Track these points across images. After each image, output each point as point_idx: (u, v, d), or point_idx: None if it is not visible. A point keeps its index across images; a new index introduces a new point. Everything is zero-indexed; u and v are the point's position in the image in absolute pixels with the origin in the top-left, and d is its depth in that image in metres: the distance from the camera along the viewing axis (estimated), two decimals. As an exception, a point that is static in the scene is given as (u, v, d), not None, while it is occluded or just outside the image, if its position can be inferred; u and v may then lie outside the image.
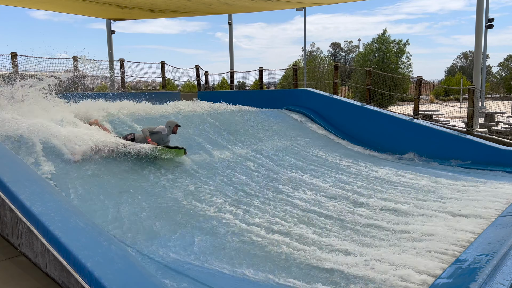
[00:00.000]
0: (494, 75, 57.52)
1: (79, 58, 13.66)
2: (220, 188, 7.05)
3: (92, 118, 8.44)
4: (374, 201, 6.85)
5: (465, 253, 4.65)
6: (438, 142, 10.84)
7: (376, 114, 12.16)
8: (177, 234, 5.26)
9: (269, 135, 10.93)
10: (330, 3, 24.37)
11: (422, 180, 8.46)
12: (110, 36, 20.23)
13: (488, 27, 16.97)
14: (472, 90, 11.96)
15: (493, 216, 6.03)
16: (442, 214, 6.18)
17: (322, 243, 5.11)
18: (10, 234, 4.22)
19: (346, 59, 72.98)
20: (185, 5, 15.96)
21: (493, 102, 22.88)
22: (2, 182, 4.11)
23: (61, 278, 3.43)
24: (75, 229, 3.51)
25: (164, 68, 17.23)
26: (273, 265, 4.57)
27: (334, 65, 15.72)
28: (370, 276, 4.26)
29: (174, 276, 4.17)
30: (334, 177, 8.50)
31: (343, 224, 5.85)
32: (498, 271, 3.83)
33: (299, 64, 35.29)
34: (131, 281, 3.00)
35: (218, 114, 11.18)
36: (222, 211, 6.14)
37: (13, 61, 12.04)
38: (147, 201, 6.15)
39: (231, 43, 20.33)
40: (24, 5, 17.14)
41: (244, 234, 5.34)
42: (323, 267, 4.50)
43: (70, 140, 6.68)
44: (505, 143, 10.65)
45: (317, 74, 28.94)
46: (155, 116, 9.75)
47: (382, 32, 27.30)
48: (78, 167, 6.47)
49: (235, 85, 19.71)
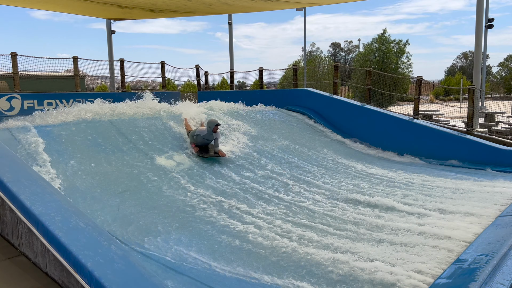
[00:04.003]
0: (494, 75, 57.48)
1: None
2: (220, 188, 7.05)
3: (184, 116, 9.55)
4: (373, 200, 6.84)
5: (465, 253, 4.65)
6: (438, 142, 10.83)
7: (376, 114, 12.15)
8: (177, 234, 5.26)
9: (269, 135, 10.92)
10: (330, 3, 24.36)
11: (421, 179, 8.45)
12: (110, 36, 20.22)
13: (488, 27, 16.97)
14: (472, 90, 11.96)
15: (493, 216, 6.03)
16: (442, 214, 6.17)
17: (322, 243, 5.11)
18: (10, 234, 4.22)
19: (346, 59, 72.97)
20: (185, 5, 15.95)
21: (493, 102, 22.87)
22: (2, 182, 4.11)
23: (61, 278, 3.43)
24: (75, 229, 3.51)
25: (164, 68, 17.21)
26: (273, 265, 4.57)
27: (334, 65, 15.70)
28: (369, 276, 4.26)
29: (174, 276, 4.17)
30: (333, 176, 8.49)
31: (341, 223, 5.85)
32: (498, 271, 3.83)
33: (299, 64, 35.28)
34: (131, 281, 3.00)
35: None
36: (223, 211, 6.14)
37: (13, 61, 12.02)
38: (148, 201, 6.16)
39: (231, 43, 20.33)
40: (25, 5, 17.13)
41: (244, 234, 5.34)
42: (323, 267, 4.50)
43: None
44: (505, 143, 10.64)
45: (317, 74, 28.94)
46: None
47: (382, 32, 27.32)
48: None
49: (235, 85, 19.70)
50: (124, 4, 15.62)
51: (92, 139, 7.63)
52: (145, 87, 31.09)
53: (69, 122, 8.01)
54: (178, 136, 8.93)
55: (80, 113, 8.61)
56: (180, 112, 10.01)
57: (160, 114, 9.66)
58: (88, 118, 8.44)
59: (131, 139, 8.10)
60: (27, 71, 13.91)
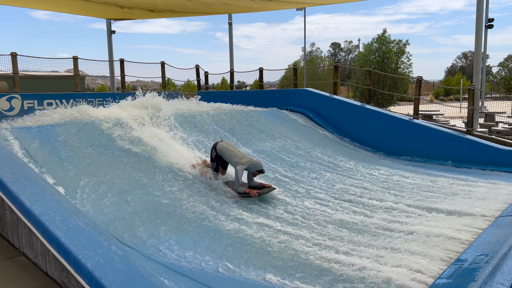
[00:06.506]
0: (494, 75, 57.50)
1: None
2: (220, 188, 7.05)
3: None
4: (373, 201, 6.84)
5: (465, 253, 4.65)
6: (438, 142, 10.83)
7: (376, 114, 12.15)
8: (177, 234, 5.26)
9: (269, 135, 10.93)
10: (330, 3, 24.36)
11: (421, 180, 8.45)
12: (110, 36, 20.22)
13: (488, 27, 16.99)
14: (472, 90, 11.96)
15: (493, 216, 6.03)
16: (442, 214, 6.17)
17: (322, 243, 5.11)
18: (10, 234, 4.22)
19: (346, 59, 73.01)
20: (185, 5, 15.95)
21: (493, 102, 22.87)
22: (2, 182, 4.11)
23: (61, 278, 3.43)
24: (75, 229, 3.51)
25: (164, 68, 17.22)
26: (273, 266, 4.57)
27: (334, 65, 15.71)
28: (369, 276, 4.26)
29: (174, 276, 4.17)
30: (333, 176, 8.49)
31: (341, 224, 5.85)
32: (498, 271, 3.83)
33: (299, 64, 35.28)
34: (131, 281, 3.00)
35: (217, 114, 11.18)
36: (223, 211, 6.14)
37: (13, 61, 12.02)
38: (148, 201, 6.16)
39: (231, 43, 20.33)
40: (25, 5, 17.13)
41: (245, 235, 5.34)
42: (324, 267, 4.50)
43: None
44: (505, 143, 10.64)
45: (317, 74, 28.96)
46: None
47: (382, 32, 27.33)
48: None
49: (235, 85, 19.70)
50: (124, 4, 15.62)
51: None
52: (145, 87, 31.08)
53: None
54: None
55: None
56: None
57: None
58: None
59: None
60: (27, 71, 13.91)
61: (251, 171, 6.81)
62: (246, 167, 6.79)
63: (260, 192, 6.74)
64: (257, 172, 6.80)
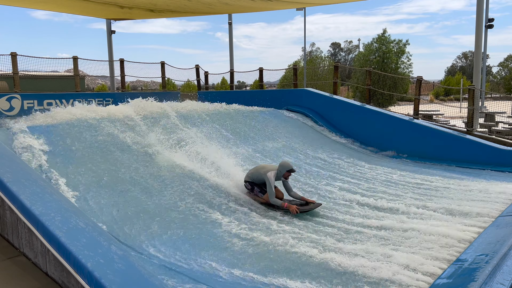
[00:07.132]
0: (494, 75, 57.50)
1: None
2: (220, 188, 7.05)
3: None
4: (373, 201, 6.84)
5: (465, 253, 4.64)
6: (438, 142, 10.83)
7: (376, 114, 12.15)
8: (177, 235, 5.26)
9: (269, 135, 10.93)
10: (330, 3, 24.36)
11: (421, 179, 8.45)
12: (110, 36, 20.22)
13: (488, 27, 16.97)
14: (472, 90, 11.95)
15: (493, 216, 6.03)
16: (442, 214, 6.17)
17: (322, 243, 5.11)
18: (10, 234, 4.22)
19: (346, 59, 73.00)
20: (185, 5, 15.95)
21: (493, 102, 22.86)
22: (2, 182, 4.11)
23: (61, 278, 3.43)
24: (75, 229, 3.51)
25: (164, 68, 17.21)
26: (273, 266, 4.57)
27: (334, 65, 15.70)
28: (370, 275, 4.26)
29: (174, 276, 4.17)
30: (333, 176, 8.49)
31: (343, 224, 5.84)
32: (498, 271, 3.82)
33: (299, 64, 35.27)
34: (131, 281, 3.00)
35: (217, 114, 11.18)
36: (223, 211, 6.14)
37: (13, 61, 12.02)
38: (148, 201, 6.15)
39: (231, 43, 20.32)
40: (25, 5, 17.13)
41: (245, 235, 5.34)
42: (324, 267, 4.50)
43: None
44: (505, 143, 10.64)
45: (317, 74, 28.94)
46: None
47: (382, 32, 27.31)
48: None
49: (235, 85, 19.70)
50: (124, 4, 15.62)
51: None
52: (145, 87, 31.10)
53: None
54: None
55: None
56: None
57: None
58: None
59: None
60: (27, 71, 13.89)
61: (281, 174, 6.37)
62: (276, 171, 6.43)
63: (301, 209, 6.11)
64: (287, 173, 6.40)
